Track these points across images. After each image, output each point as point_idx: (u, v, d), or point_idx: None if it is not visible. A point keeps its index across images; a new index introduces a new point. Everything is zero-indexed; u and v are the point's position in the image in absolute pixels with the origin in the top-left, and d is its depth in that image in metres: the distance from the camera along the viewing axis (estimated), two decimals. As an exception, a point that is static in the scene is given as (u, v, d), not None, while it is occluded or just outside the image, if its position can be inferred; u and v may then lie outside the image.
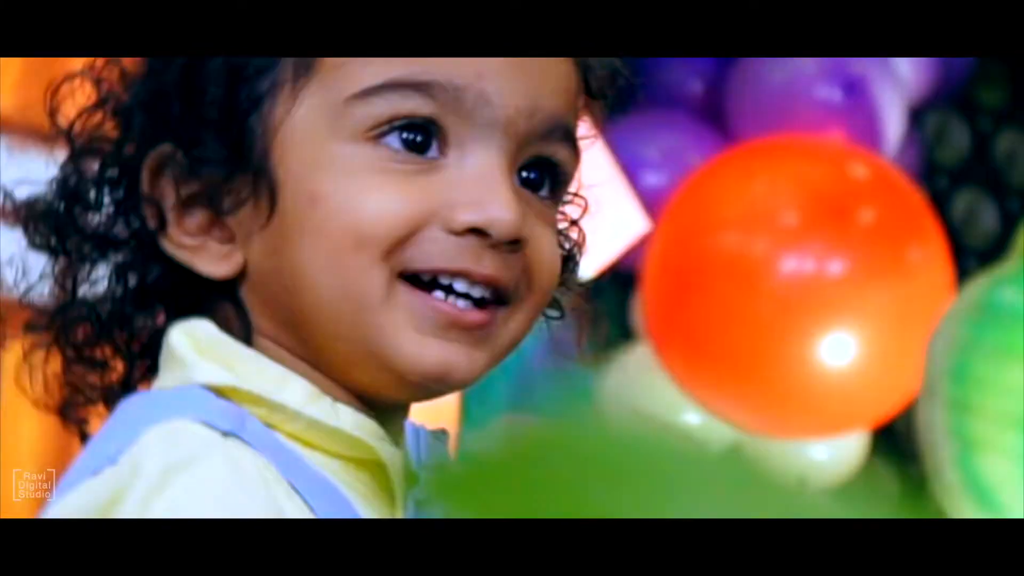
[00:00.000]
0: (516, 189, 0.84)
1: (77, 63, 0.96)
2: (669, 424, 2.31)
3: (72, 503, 0.76)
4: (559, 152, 0.87)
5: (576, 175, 0.92)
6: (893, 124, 3.04)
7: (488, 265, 0.81)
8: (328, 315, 0.83)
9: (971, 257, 3.40)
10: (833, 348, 2.63)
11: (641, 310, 2.91)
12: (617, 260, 2.47)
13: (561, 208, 0.90)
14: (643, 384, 2.96)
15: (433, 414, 0.93)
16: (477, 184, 0.83)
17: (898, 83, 3.06)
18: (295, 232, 0.84)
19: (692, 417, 2.92)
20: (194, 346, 0.83)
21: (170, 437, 0.75)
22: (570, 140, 0.89)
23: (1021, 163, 3.89)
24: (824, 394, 2.70)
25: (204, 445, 0.76)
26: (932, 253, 2.74)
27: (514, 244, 0.81)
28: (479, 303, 0.80)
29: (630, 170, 2.59)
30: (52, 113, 0.91)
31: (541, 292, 0.85)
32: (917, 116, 3.28)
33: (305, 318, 0.84)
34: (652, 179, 2.87)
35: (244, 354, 0.83)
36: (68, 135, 0.90)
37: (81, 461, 0.80)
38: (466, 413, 2.26)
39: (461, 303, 0.80)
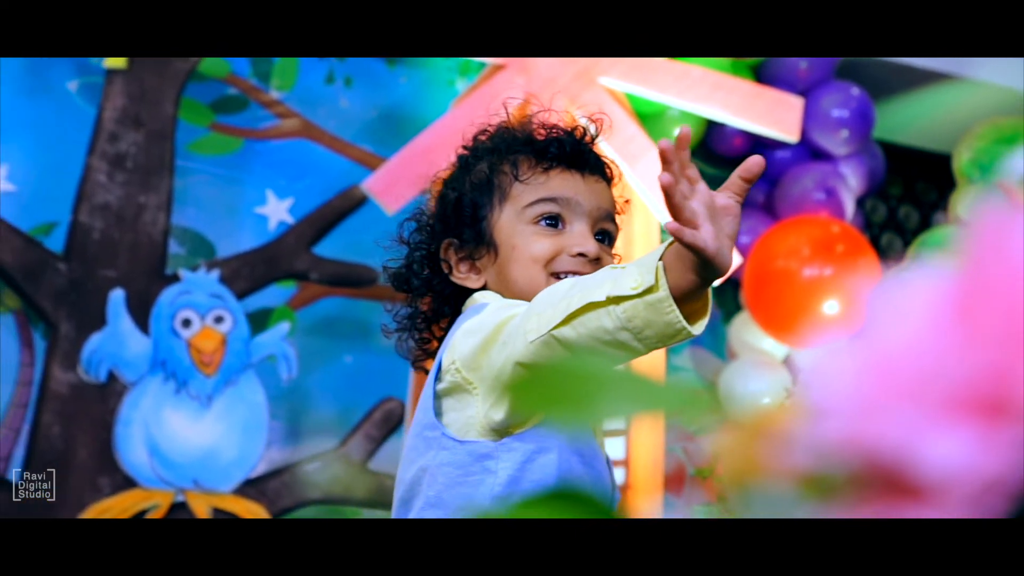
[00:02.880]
0: (596, 240, 1.26)
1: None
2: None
3: (484, 311, 1.14)
4: (609, 227, 1.27)
5: (617, 234, 1.27)
6: (849, 206, 3.67)
7: (587, 270, 1.17)
8: (524, 292, 1.23)
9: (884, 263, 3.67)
10: (829, 306, 3.38)
11: (744, 295, 3.57)
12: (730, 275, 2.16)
13: (613, 252, 1.27)
14: (747, 327, 3.65)
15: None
16: (579, 237, 1.24)
17: (849, 187, 3.67)
18: (508, 263, 1.23)
19: (766, 343, 3.54)
20: (482, 297, 1.28)
21: (494, 303, 1.19)
22: (613, 221, 1.27)
23: (913, 220, 4.49)
24: (825, 326, 3.30)
25: (495, 300, 1.22)
26: (870, 261, 3.42)
27: (596, 261, 1.19)
28: None
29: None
30: (400, 238, 1.33)
31: None
32: (860, 201, 3.84)
33: (514, 295, 1.24)
34: (743, 239, 3.51)
35: (496, 296, 1.25)
36: (406, 242, 1.33)
37: (465, 318, 1.20)
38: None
39: None
